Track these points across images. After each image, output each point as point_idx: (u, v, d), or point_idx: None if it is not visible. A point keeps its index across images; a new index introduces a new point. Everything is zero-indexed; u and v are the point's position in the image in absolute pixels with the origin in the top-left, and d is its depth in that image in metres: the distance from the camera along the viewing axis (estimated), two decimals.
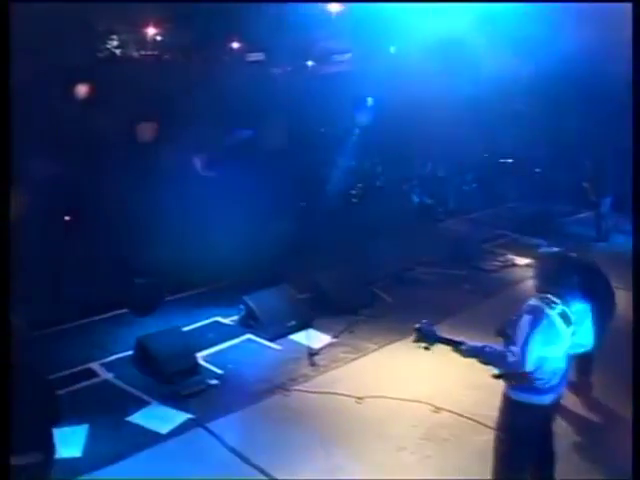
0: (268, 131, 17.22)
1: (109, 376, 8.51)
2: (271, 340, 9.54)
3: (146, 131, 17.24)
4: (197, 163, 15.96)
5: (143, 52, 44.92)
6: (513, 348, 4.82)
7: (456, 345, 5.05)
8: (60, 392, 7.52)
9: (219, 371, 8.66)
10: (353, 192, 17.15)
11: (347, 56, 49.74)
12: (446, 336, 5.19)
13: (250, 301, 9.67)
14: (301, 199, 15.99)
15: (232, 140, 17.22)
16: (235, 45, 48.19)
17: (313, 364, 8.92)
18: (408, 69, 17.82)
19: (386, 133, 17.70)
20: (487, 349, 4.95)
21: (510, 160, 19.65)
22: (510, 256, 14.16)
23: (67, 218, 13.47)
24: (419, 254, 13.72)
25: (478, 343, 5.05)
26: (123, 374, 8.53)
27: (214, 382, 8.26)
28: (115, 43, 45.26)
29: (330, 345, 9.53)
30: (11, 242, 5.02)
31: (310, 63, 49.22)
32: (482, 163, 19.48)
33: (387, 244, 14.02)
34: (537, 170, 19.42)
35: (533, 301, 4.98)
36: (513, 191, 18.91)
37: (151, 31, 46.35)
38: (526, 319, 4.83)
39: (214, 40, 46.22)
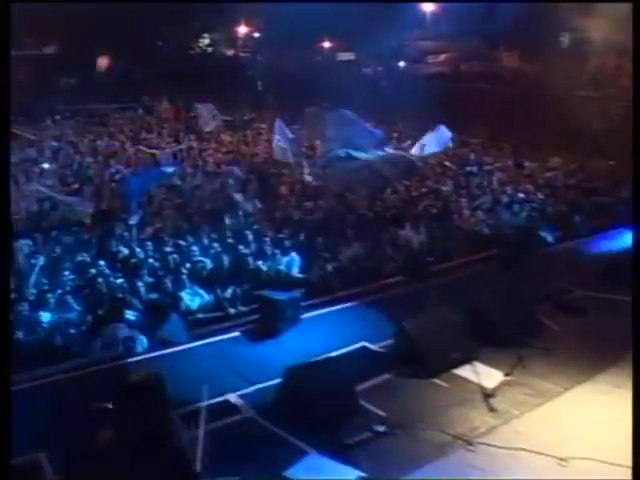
0: None
1: (251, 413, 7.13)
2: (433, 375, 8.01)
3: None
4: None
5: (235, 51, 44.44)
6: None
7: None
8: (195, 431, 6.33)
9: (381, 413, 7.18)
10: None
11: (442, 57, 48.01)
12: None
13: (410, 328, 8.14)
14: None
15: None
16: (326, 44, 47.20)
17: (492, 409, 7.37)
18: None
19: None
20: None
21: None
22: None
23: None
24: (570, 274, 11.97)
25: None
26: (268, 411, 7.14)
27: (381, 429, 6.77)
28: (207, 41, 44.98)
29: (505, 384, 7.93)
30: None
31: (402, 63, 47.80)
32: None
33: (533, 260, 12.44)
34: None
35: None
36: None
37: (243, 30, 45.78)
38: None
39: (306, 39, 45.38)
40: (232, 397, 7.38)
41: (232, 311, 10.33)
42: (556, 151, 22.49)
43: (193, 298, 10.30)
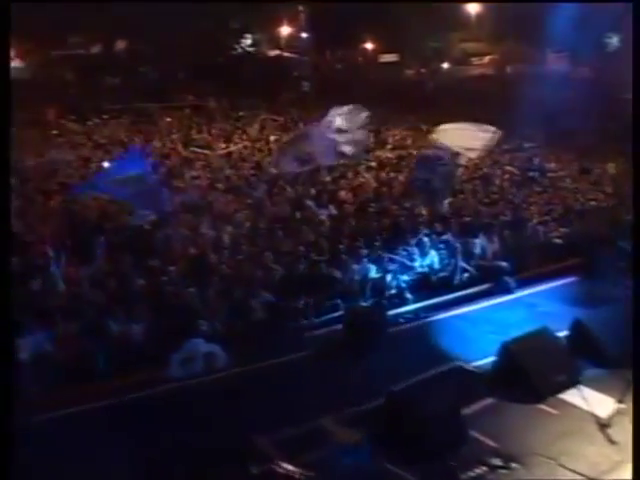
0: None
1: (350, 440, 6.52)
2: (540, 400, 7.36)
3: None
4: None
5: (279, 51, 43.99)
6: None
7: None
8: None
9: (490, 442, 6.55)
10: None
11: (487, 59, 47.18)
12: None
13: (516, 350, 7.50)
14: None
15: None
16: (368, 46, 46.64)
17: (612, 442, 6.70)
18: None
19: None
20: None
21: None
22: None
23: None
24: None
25: None
26: (367, 438, 6.54)
27: (496, 462, 6.15)
28: (249, 42, 44.58)
29: (619, 413, 7.24)
30: None
31: (446, 65, 47.09)
32: None
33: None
34: None
35: None
36: None
37: (285, 30, 45.33)
38: None
39: (348, 40, 44.89)
40: (327, 422, 6.77)
41: (304, 322, 9.79)
42: (616, 156, 21.72)
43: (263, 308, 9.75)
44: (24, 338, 8.12)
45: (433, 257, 11.60)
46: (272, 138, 22.32)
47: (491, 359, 8.06)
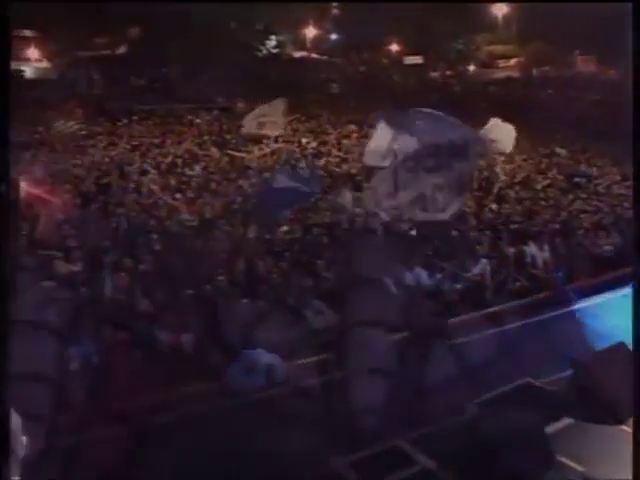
0: None
1: (428, 463, 6.18)
2: (622, 421, 6.97)
3: None
4: None
5: (306, 53, 43.78)
6: None
7: None
8: None
9: (576, 466, 6.18)
10: None
11: (513, 61, 46.67)
12: None
13: (591, 367, 7.13)
14: None
15: None
16: (394, 47, 46.29)
17: None
18: None
19: None
20: None
21: None
22: None
23: None
24: None
25: None
26: (447, 460, 6.21)
27: None
28: (273, 43, 44.40)
29: None
30: None
31: (472, 68, 46.62)
32: None
33: None
34: None
35: None
36: None
37: (310, 32, 45.05)
38: None
39: (373, 41, 44.59)
40: (402, 442, 6.43)
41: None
42: None
43: (316, 316, 9.43)
44: (74, 347, 7.89)
45: (485, 265, 11.23)
46: (304, 140, 22.09)
47: (562, 375, 7.72)
